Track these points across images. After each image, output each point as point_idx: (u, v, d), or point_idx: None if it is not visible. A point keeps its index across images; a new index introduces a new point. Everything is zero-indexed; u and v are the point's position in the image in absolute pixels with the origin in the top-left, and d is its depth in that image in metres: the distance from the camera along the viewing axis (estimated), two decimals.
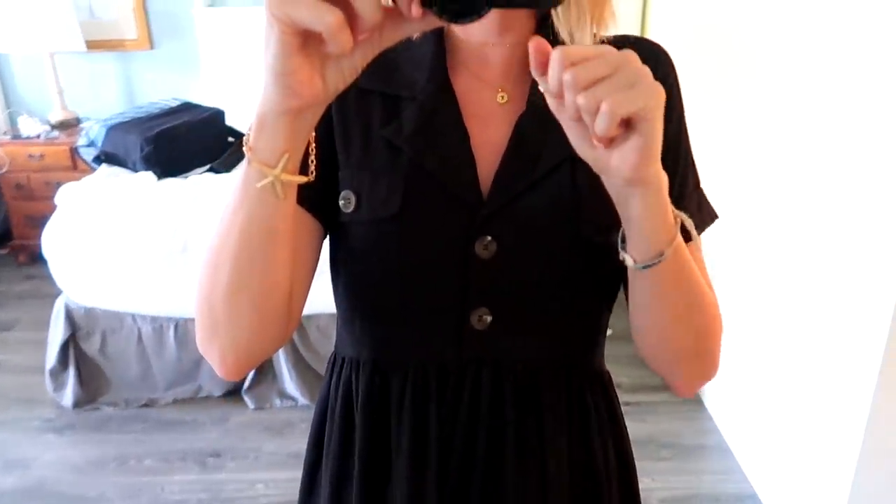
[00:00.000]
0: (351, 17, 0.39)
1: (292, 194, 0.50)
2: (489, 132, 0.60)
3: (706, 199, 0.68)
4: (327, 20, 0.39)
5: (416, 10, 0.40)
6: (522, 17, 0.61)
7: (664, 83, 0.46)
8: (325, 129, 0.61)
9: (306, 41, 0.41)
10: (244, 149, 0.48)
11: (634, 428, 2.19)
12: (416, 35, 0.45)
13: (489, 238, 0.59)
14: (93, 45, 3.29)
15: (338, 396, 0.68)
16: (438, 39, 0.62)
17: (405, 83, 0.61)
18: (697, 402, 2.26)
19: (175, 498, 1.88)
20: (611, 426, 0.71)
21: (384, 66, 0.56)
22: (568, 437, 0.66)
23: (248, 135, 0.47)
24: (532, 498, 0.65)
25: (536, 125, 0.59)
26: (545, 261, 0.61)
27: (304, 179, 0.50)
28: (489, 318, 0.62)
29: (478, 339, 0.62)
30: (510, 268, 0.60)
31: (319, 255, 0.63)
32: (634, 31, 2.85)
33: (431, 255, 0.60)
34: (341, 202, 0.60)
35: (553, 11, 0.59)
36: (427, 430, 0.64)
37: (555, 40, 0.58)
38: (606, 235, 0.56)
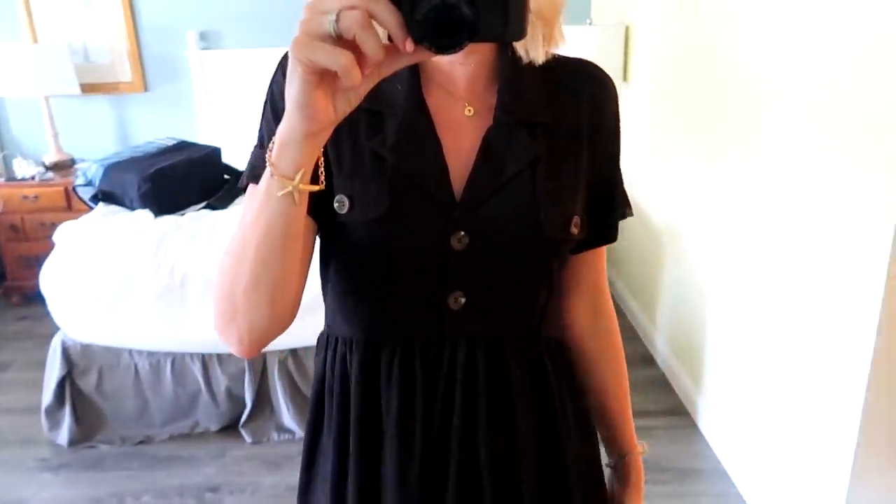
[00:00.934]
0: (358, 56, 0.48)
1: (305, 201, 0.59)
2: (459, 142, 0.70)
3: (627, 197, 0.81)
4: (341, 62, 0.47)
5: (409, 46, 0.48)
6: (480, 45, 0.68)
7: (613, 101, 0.72)
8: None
9: (322, 78, 0.50)
10: (267, 164, 0.56)
11: None
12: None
13: (462, 233, 0.69)
14: (87, 89, 3.35)
15: (334, 373, 0.76)
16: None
17: (386, 101, 0.69)
18: (693, 426, 2.28)
19: None
20: (567, 384, 0.81)
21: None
22: (532, 397, 0.76)
23: (269, 153, 0.56)
24: (505, 446, 0.74)
25: (501, 137, 0.69)
26: (510, 251, 0.71)
27: (317, 188, 0.59)
28: (463, 300, 0.72)
29: (454, 318, 0.72)
30: (481, 257, 0.70)
31: (313, 250, 0.71)
32: (618, 62, 2.95)
33: (414, 248, 0.70)
34: (336, 205, 0.68)
35: None
36: (413, 397, 0.73)
37: (513, 57, 0.70)
38: (560, 231, 0.70)
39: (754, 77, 1.85)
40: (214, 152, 2.67)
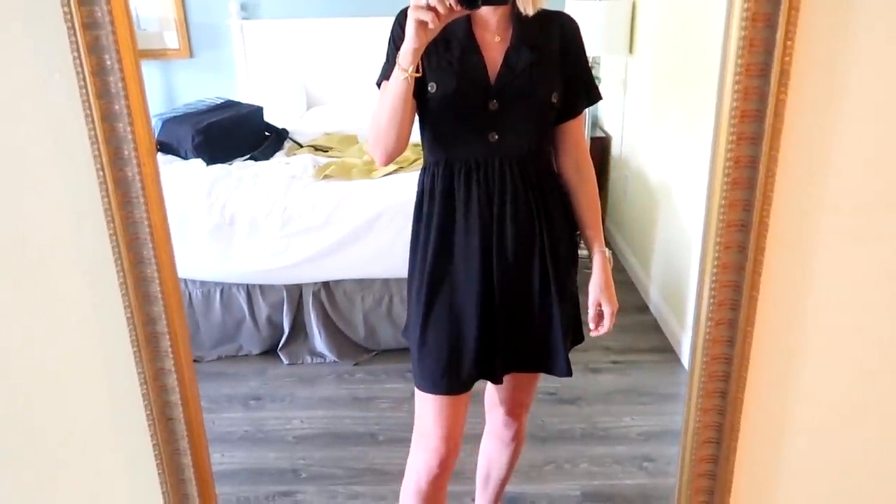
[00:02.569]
0: (436, 12, 1.09)
1: (412, 83, 1.19)
2: (492, 54, 1.28)
3: (595, 85, 1.40)
4: (430, 16, 1.10)
5: (456, 7, 1.10)
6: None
7: (576, 32, 1.33)
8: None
9: (421, 23, 1.11)
10: (396, 64, 1.18)
11: (620, 380, 2.53)
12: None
13: (495, 100, 1.26)
14: (140, 55, 3.65)
15: (429, 183, 1.33)
16: (468, 15, 1.22)
17: (453, 35, 1.25)
18: (677, 361, 2.57)
19: (224, 430, 2.21)
20: (560, 195, 1.38)
21: (446, 26, 1.17)
22: (539, 197, 1.32)
23: (398, 59, 1.16)
24: (521, 220, 1.30)
25: (514, 52, 1.27)
26: (520, 109, 1.28)
27: (418, 75, 1.19)
28: (496, 136, 1.28)
29: (492, 146, 1.28)
30: (506, 112, 1.27)
31: (414, 117, 1.27)
32: (624, 35, 3.21)
33: (469, 108, 1.27)
34: (429, 88, 1.26)
35: None
36: (471, 190, 1.30)
37: (517, 11, 1.25)
38: (546, 97, 1.29)
39: None
40: (258, 111, 2.98)
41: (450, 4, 1.08)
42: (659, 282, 2.89)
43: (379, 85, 1.29)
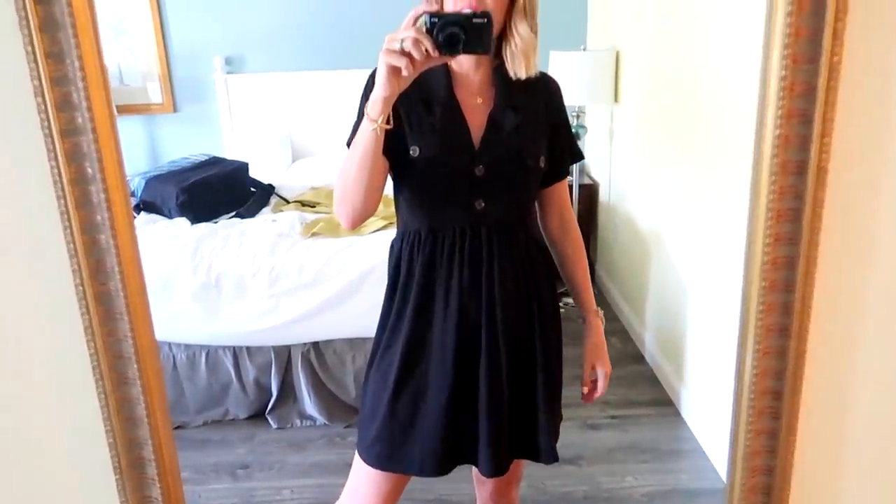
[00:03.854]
0: (410, 58, 0.99)
1: (383, 135, 1.07)
2: (475, 118, 1.21)
3: (577, 146, 1.37)
4: (403, 62, 0.99)
5: (435, 53, 0.99)
6: (485, 61, 1.21)
7: (558, 93, 1.30)
8: (394, 119, 1.11)
9: (393, 70, 1.00)
10: (365, 114, 1.07)
11: (620, 437, 2.46)
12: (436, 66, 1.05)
13: (480, 166, 1.19)
14: (121, 110, 3.63)
15: (409, 254, 1.24)
16: (447, 72, 1.20)
17: (434, 96, 1.19)
18: (676, 414, 2.51)
19: (212, 503, 2.11)
20: (547, 264, 1.34)
21: (425, 88, 1.15)
22: (528, 269, 1.26)
23: (367, 110, 1.06)
24: (509, 292, 1.23)
25: (500, 114, 1.21)
26: (506, 175, 1.22)
27: (388, 126, 1.07)
28: (483, 204, 1.21)
29: (478, 214, 1.21)
30: (492, 178, 1.20)
31: (386, 177, 1.19)
32: (610, 84, 3.23)
33: (453, 174, 1.20)
34: (411, 152, 1.18)
35: (506, 57, 1.18)
36: (454, 262, 1.21)
37: (504, 72, 1.18)
38: (532, 162, 1.23)
39: (730, 98, 2.11)
40: (243, 167, 2.94)
41: (426, 50, 0.98)
42: (654, 330, 2.86)
43: (349, 145, 1.19)
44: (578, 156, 1.37)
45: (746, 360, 0.88)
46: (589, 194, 3.56)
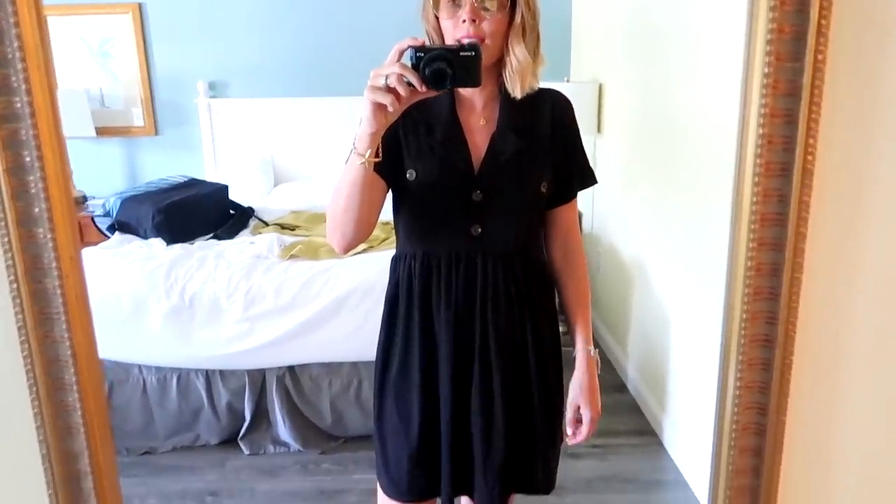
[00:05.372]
0: (396, 95, 0.95)
1: (371, 167, 1.05)
2: (477, 139, 1.18)
3: (589, 168, 1.28)
4: (388, 99, 0.95)
5: (422, 88, 0.96)
6: (489, 81, 1.15)
7: (568, 111, 1.22)
8: (394, 141, 1.13)
9: (379, 106, 0.96)
10: (352, 149, 1.04)
11: (601, 466, 2.41)
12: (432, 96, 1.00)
13: (478, 191, 1.16)
14: (102, 132, 3.60)
15: (405, 276, 1.21)
16: (451, 94, 1.17)
17: (436, 118, 1.16)
18: (658, 444, 2.47)
19: None
20: (548, 295, 1.27)
21: (426, 109, 1.11)
22: (526, 299, 1.20)
23: (354, 143, 1.03)
24: (504, 323, 1.19)
25: (500, 137, 1.17)
26: (505, 202, 1.18)
27: (377, 160, 1.04)
28: (480, 230, 1.17)
29: (474, 241, 1.17)
30: (490, 204, 1.16)
31: (385, 197, 1.17)
32: (592, 115, 3.25)
33: (450, 199, 1.17)
34: (407, 175, 1.16)
35: (505, 78, 1.14)
36: (450, 289, 1.18)
37: (507, 93, 1.14)
38: (533, 189, 1.18)
39: (712, 130, 2.13)
40: (222, 189, 2.91)
41: (412, 84, 0.94)
42: (636, 360, 2.83)
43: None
44: (590, 179, 1.27)
45: (729, 373, 0.84)
46: (579, 230, 3.55)
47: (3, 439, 0.75)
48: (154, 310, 2.33)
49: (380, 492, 1.30)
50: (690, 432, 2.26)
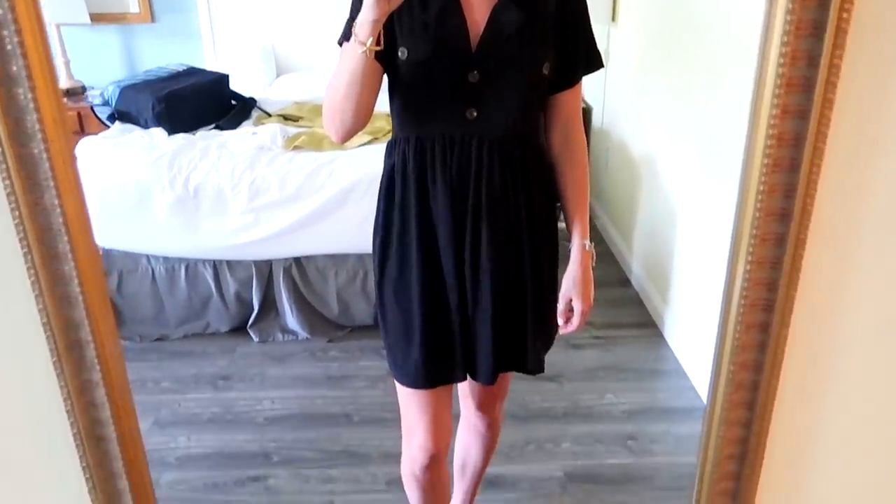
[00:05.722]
0: None
1: (373, 55, 1.02)
2: (475, 16, 1.09)
3: (596, 51, 1.20)
4: None
5: None
6: None
7: None
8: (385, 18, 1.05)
9: None
10: (353, 36, 1.01)
11: (602, 356, 2.46)
12: None
13: (475, 71, 1.09)
14: (96, 18, 3.47)
15: (400, 161, 1.16)
16: None
17: None
18: (659, 335, 2.51)
19: (191, 412, 2.11)
20: (546, 185, 1.22)
21: None
22: (522, 187, 1.15)
23: (354, 30, 1.00)
24: (498, 208, 1.15)
25: (502, 12, 1.08)
26: (503, 83, 1.11)
27: (379, 48, 1.01)
28: (475, 114, 1.11)
29: (470, 124, 1.11)
30: (487, 86, 1.10)
31: (380, 84, 1.10)
32: (608, 4, 3.10)
33: (445, 78, 1.10)
34: (399, 54, 1.08)
35: None
36: (445, 174, 1.13)
37: None
38: (534, 70, 1.11)
39: (733, 19, 2.02)
40: (223, 78, 2.83)
41: None
42: (641, 255, 2.83)
43: (341, 44, 1.11)
44: (596, 63, 1.19)
45: (741, 247, 0.80)
46: (582, 118, 3.47)
47: (3, 308, 0.76)
48: (159, 200, 2.33)
49: (397, 384, 1.30)
50: (691, 324, 2.29)
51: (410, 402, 1.28)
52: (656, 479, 1.85)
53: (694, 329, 2.27)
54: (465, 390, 1.46)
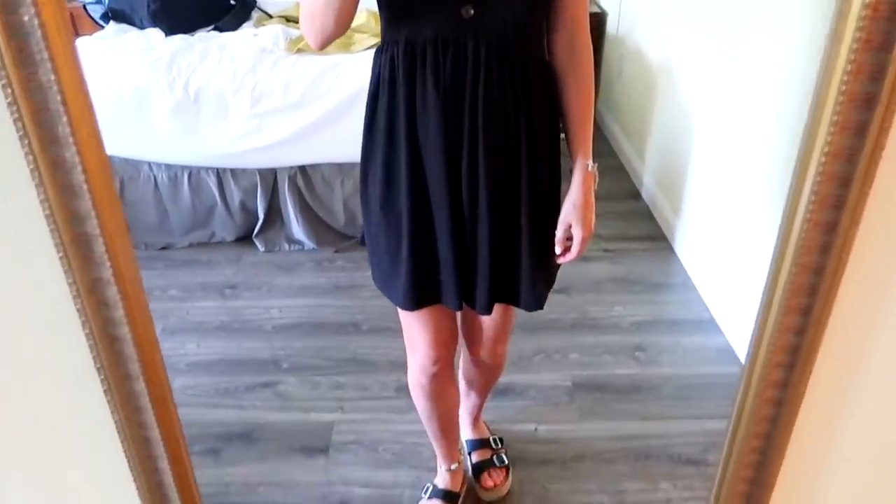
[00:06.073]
0: None
1: None
2: None
3: None
4: None
5: None
6: None
7: None
8: None
9: None
10: None
11: (611, 268, 2.43)
12: None
13: None
14: None
15: (387, 67, 1.06)
16: None
17: None
18: (669, 248, 2.49)
19: (199, 319, 2.11)
20: (550, 96, 1.11)
21: None
22: (522, 95, 1.05)
23: None
24: (496, 118, 1.05)
25: None
26: None
27: None
28: (472, 11, 0.99)
29: (465, 23, 1.00)
30: None
31: None
32: None
33: None
34: None
35: None
36: (439, 78, 1.03)
37: None
38: None
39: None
40: None
41: None
42: (654, 167, 2.77)
43: None
44: None
45: (818, 137, 0.71)
46: (596, 24, 3.32)
47: (1, 202, 0.71)
48: (158, 104, 2.25)
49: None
50: (702, 237, 2.26)
51: (409, 319, 1.25)
52: (664, 388, 1.87)
53: (704, 242, 2.24)
54: (464, 329, 1.41)
